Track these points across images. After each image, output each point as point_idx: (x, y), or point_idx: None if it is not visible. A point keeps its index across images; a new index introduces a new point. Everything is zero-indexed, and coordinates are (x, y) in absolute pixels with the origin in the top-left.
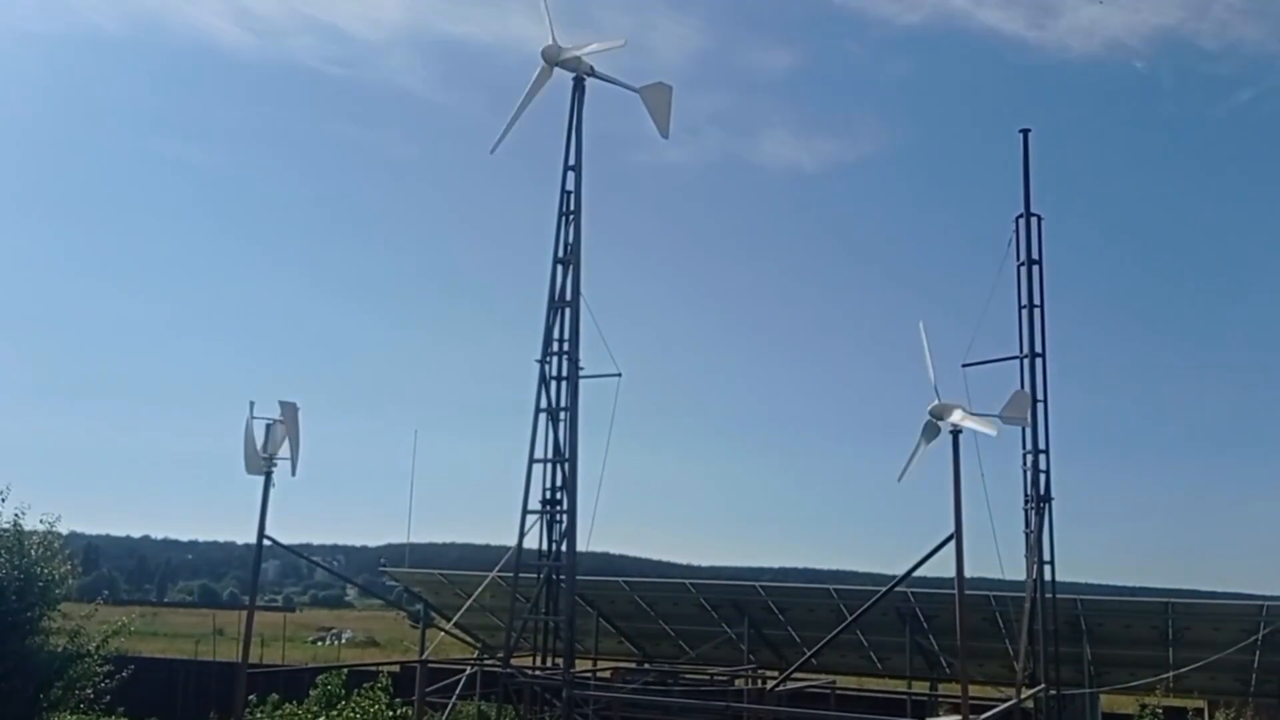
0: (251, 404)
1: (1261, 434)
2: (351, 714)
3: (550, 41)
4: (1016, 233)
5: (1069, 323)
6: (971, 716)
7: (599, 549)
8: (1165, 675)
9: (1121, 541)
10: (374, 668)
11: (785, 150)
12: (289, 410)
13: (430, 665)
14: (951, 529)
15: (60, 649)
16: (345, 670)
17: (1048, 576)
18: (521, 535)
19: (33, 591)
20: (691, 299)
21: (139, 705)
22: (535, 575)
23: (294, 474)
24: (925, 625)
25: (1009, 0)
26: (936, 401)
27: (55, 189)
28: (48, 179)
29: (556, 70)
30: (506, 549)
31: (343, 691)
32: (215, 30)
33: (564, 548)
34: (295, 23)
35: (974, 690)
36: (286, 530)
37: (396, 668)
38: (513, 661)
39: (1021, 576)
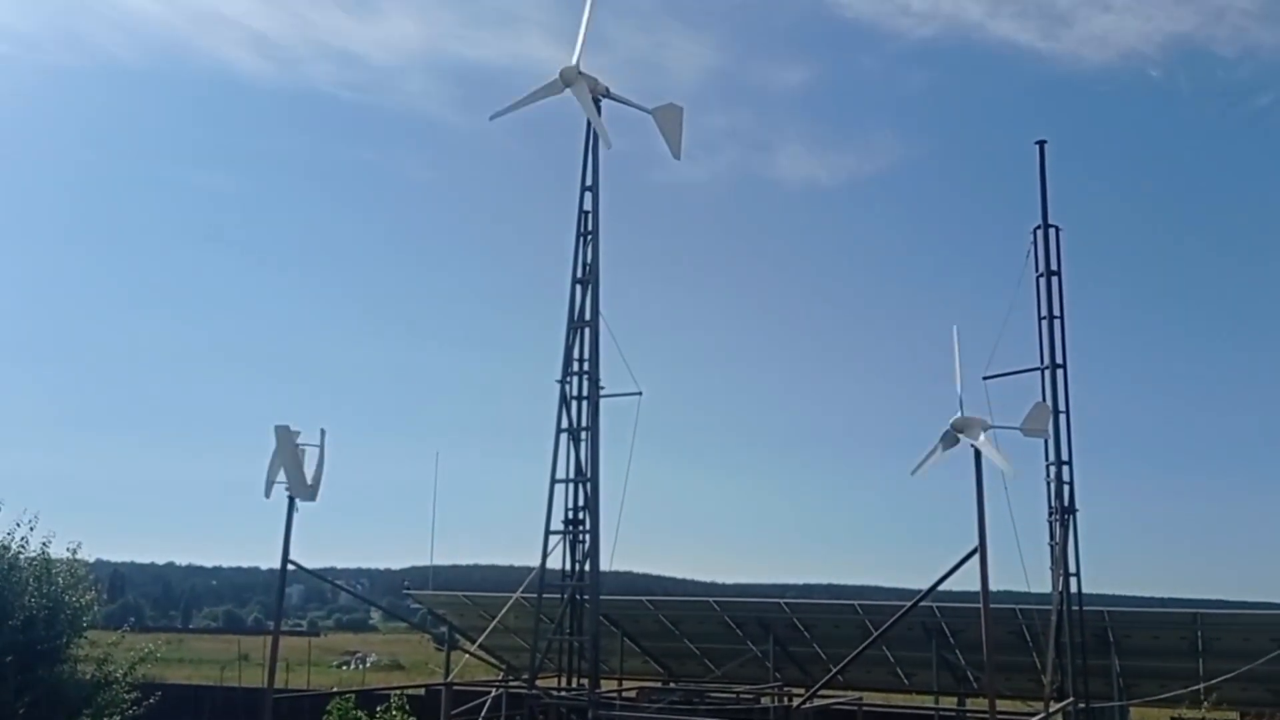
0: (276, 429)
1: None
2: None
3: (572, 63)
4: (1035, 244)
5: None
6: None
7: (622, 568)
8: (1195, 686)
9: (1148, 552)
10: (398, 691)
11: (802, 166)
12: (292, 436)
13: (455, 687)
14: (975, 542)
15: (88, 676)
16: (354, 694)
17: (1074, 589)
18: (545, 556)
19: (60, 619)
20: (711, 316)
21: None
22: (559, 595)
23: (314, 499)
24: (951, 640)
25: (1022, 11)
26: (960, 415)
27: (79, 219)
28: (73, 209)
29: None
30: (530, 570)
31: (358, 715)
32: (234, 59)
33: (587, 567)
34: (313, 50)
35: (1002, 705)
36: (310, 555)
37: (422, 690)
38: (538, 683)
39: (1047, 589)
